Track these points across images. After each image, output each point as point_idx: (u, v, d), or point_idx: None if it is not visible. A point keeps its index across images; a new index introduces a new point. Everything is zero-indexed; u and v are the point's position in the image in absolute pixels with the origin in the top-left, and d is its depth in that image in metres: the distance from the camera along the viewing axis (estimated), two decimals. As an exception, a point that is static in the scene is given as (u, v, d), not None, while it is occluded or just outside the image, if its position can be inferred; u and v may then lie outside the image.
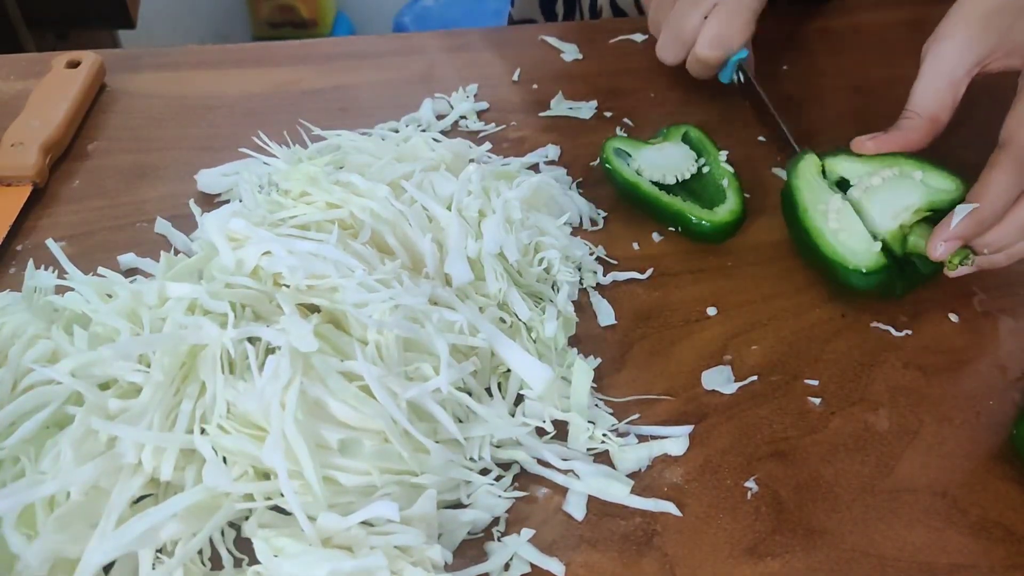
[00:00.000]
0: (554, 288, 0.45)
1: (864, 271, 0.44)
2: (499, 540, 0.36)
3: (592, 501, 0.37)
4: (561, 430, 0.39)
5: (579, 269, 0.47)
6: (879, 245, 0.44)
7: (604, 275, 0.48)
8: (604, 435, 0.39)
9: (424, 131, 0.55)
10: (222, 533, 0.34)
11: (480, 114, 0.59)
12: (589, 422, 0.39)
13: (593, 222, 0.51)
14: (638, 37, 0.67)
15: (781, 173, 0.55)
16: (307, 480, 0.33)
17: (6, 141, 0.52)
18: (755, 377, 0.43)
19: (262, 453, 0.33)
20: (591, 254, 0.48)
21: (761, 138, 0.58)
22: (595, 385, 0.41)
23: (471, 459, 0.37)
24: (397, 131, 0.56)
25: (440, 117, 0.58)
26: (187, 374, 0.36)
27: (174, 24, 1.74)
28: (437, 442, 0.36)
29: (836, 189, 0.47)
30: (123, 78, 0.61)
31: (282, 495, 0.33)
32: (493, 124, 0.58)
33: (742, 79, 0.58)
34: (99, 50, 0.61)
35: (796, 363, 0.43)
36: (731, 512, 0.37)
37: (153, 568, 0.32)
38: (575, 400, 0.40)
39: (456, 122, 0.58)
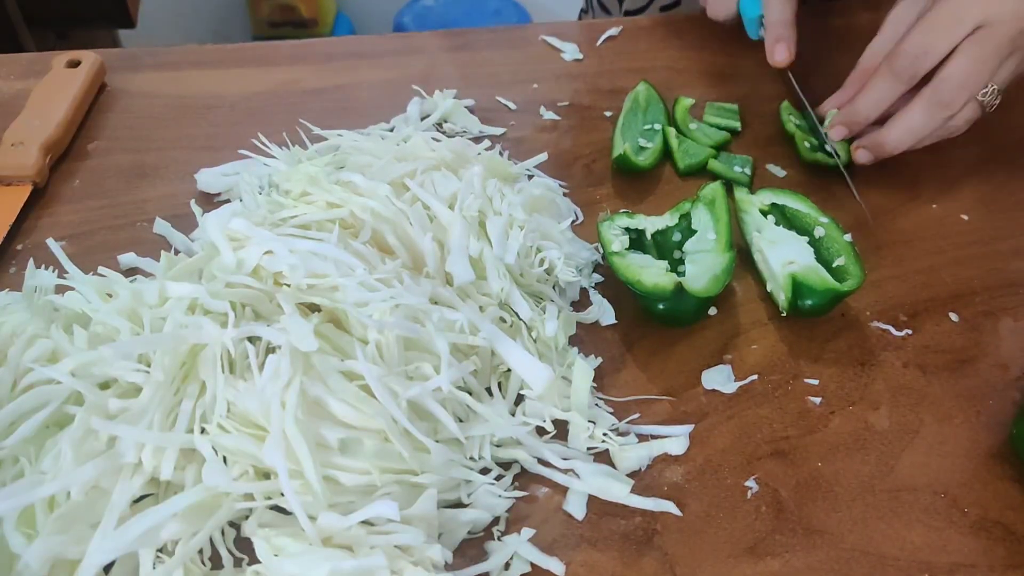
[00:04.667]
0: (555, 288, 0.45)
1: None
2: (499, 539, 0.36)
3: (592, 500, 0.37)
4: (561, 429, 0.39)
5: (579, 270, 0.47)
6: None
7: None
8: (604, 434, 0.39)
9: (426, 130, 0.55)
10: (222, 533, 0.34)
11: (480, 114, 0.59)
12: (589, 422, 0.39)
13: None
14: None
15: (777, 170, 0.55)
16: (307, 479, 0.33)
17: (6, 141, 0.52)
18: (755, 377, 0.43)
19: (262, 453, 0.33)
20: (592, 256, 0.48)
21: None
22: (595, 385, 0.41)
23: (471, 458, 0.37)
24: (390, 131, 0.56)
25: (425, 118, 0.58)
26: (187, 374, 0.36)
27: (174, 24, 1.74)
28: (437, 441, 0.36)
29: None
30: (123, 78, 0.61)
31: (282, 495, 0.33)
32: (493, 124, 0.58)
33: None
34: (99, 50, 0.61)
35: (796, 363, 0.43)
36: (731, 511, 0.37)
37: (153, 568, 0.32)
38: (575, 400, 0.40)
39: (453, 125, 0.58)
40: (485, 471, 0.37)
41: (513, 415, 0.39)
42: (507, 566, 0.35)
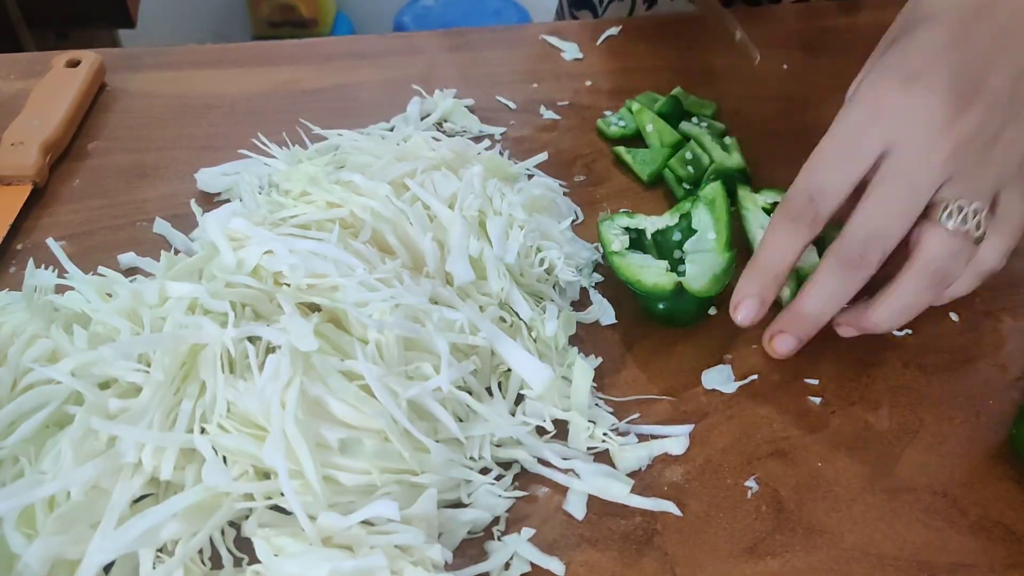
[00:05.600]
0: (555, 288, 0.45)
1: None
2: (499, 539, 0.36)
3: (592, 500, 0.37)
4: (561, 429, 0.39)
5: (579, 270, 0.47)
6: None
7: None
8: (604, 434, 0.39)
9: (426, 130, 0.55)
10: (222, 533, 0.34)
11: (480, 114, 0.59)
12: (589, 421, 0.39)
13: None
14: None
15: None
16: (307, 479, 0.33)
17: (6, 140, 0.52)
18: (755, 376, 0.43)
19: (262, 452, 0.33)
20: (592, 256, 0.48)
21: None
22: (595, 384, 0.41)
23: (471, 458, 0.37)
24: (390, 130, 0.56)
25: (425, 117, 0.58)
26: (187, 373, 0.36)
27: (174, 24, 1.74)
28: (437, 441, 0.36)
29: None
30: (123, 78, 0.61)
31: (282, 494, 0.33)
32: (493, 124, 0.58)
33: None
34: (99, 49, 0.61)
35: (796, 362, 0.43)
36: (731, 511, 0.37)
37: (153, 568, 0.32)
38: (575, 399, 0.40)
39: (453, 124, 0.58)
40: (485, 471, 0.37)
41: (513, 415, 0.39)
42: (507, 566, 0.35)
